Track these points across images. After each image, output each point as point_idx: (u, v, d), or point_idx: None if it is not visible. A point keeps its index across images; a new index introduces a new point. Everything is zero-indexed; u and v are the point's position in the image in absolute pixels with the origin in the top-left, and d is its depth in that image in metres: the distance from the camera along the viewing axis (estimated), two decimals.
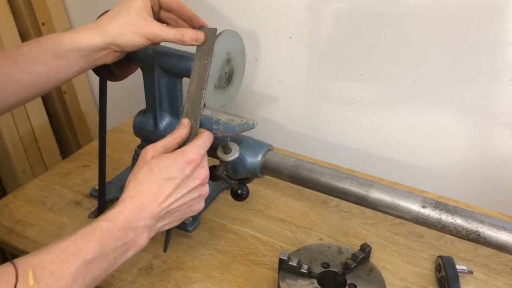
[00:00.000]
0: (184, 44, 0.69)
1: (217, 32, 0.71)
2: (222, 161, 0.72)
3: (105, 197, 0.90)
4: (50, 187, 0.97)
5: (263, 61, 1.11)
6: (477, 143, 0.98)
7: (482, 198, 1.00)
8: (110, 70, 0.81)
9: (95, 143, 0.86)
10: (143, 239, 0.58)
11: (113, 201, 0.93)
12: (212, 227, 0.88)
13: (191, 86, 0.68)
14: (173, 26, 0.73)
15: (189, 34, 0.68)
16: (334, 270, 0.74)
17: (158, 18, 0.74)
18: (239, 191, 0.74)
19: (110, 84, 0.83)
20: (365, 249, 0.75)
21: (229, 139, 0.71)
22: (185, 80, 0.81)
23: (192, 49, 0.72)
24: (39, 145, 1.41)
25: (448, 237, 0.83)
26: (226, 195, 0.94)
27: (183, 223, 0.85)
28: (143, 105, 0.86)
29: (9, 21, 1.26)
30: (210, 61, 0.68)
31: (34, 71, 0.67)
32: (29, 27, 1.33)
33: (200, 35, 0.69)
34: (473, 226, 0.61)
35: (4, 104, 0.67)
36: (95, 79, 0.82)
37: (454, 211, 0.63)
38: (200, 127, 0.69)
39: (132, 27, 0.67)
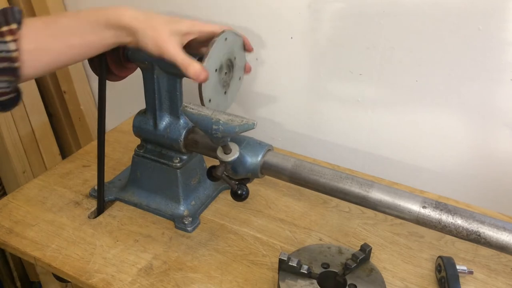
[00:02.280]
0: (186, 75, 0.71)
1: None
2: (222, 162, 0.72)
3: (103, 198, 0.89)
4: (50, 187, 0.97)
5: (263, 61, 1.11)
6: (477, 143, 0.98)
7: (482, 198, 1.00)
8: (109, 70, 0.81)
9: (95, 143, 0.86)
10: None
11: (113, 201, 0.93)
12: (212, 227, 0.88)
13: None
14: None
15: (196, 68, 0.69)
16: (334, 270, 0.74)
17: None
18: (239, 191, 0.74)
19: (110, 84, 0.83)
20: (365, 250, 0.75)
21: (229, 139, 0.70)
22: (185, 80, 0.81)
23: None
24: (39, 145, 1.41)
25: (448, 237, 0.83)
26: (226, 195, 0.94)
27: (183, 223, 0.85)
28: (143, 105, 0.86)
29: None
30: None
31: (70, 43, 0.68)
32: None
33: (203, 75, 0.70)
34: (473, 226, 0.61)
35: (35, 70, 0.67)
36: (95, 79, 0.82)
37: (454, 211, 0.63)
38: (200, 127, 0.69)
39: (158, 35, 0.69)
